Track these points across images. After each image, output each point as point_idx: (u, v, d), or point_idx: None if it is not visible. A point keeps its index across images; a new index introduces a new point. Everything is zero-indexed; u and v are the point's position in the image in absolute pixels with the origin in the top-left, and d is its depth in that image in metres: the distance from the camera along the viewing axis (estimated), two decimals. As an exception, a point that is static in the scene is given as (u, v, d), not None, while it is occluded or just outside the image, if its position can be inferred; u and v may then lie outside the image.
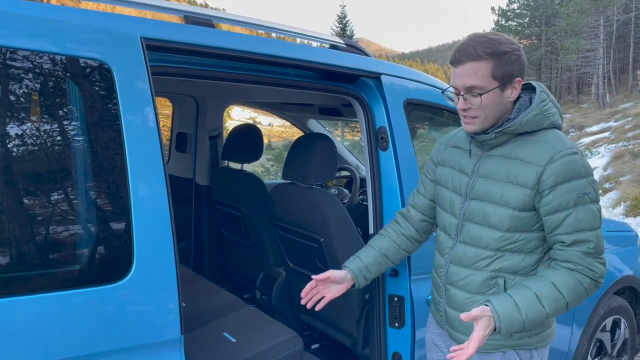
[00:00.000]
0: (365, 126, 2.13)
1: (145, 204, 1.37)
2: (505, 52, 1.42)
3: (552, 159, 1.42)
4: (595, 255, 1.45)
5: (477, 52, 1.41)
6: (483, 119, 1.48)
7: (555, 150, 1.43)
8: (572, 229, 1.43)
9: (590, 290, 1.47)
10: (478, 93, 1.43)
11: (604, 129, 20.64)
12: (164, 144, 1.45)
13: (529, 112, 1.47)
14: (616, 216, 8.56)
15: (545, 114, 1.49)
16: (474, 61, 1.42)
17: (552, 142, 1.46)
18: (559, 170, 1.41)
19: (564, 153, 1.43)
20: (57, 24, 1.30)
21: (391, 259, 1.85)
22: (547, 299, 1.43)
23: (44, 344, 1.22)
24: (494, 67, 1.41)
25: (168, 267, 1.40)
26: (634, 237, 3.27)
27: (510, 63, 1.43)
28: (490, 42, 1.42)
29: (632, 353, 3.20)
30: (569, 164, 1.42)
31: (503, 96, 1.46)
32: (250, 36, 1.79)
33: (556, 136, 1.49)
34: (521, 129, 1.48)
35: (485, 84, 1.43)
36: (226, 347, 2.12)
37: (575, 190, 1.42)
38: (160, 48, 1.52)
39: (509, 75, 1.44)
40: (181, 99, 3.44)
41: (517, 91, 1.48)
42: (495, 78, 1.42)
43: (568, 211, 1.42)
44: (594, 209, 1.45)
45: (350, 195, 3.56)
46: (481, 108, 1.45)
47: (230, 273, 3.48)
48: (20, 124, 1.25)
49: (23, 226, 1.23)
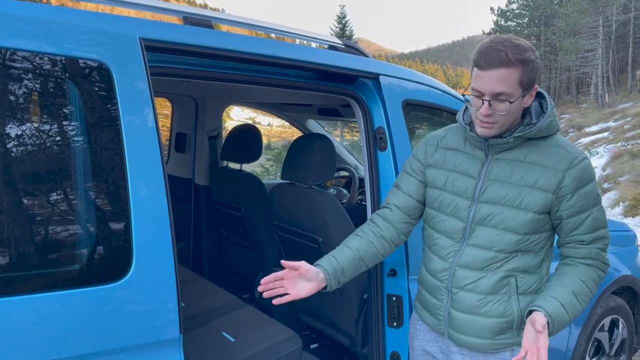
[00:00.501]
0: (363, 126, 2.13)
1: (145, 204, 1.38)
2: (531, 60, 1.42)
3: (572, 165, 1.49)
4: (606, 249, 1.58)
5: (509, 58, 1.38)
6: (501, 125, 1.48)
7: (573, 157, 1.50)
8: (592, 229, 1.53)
9: (601, 280, 1.58)
10: (506, 99, 1.42)
11: (603, 129, 20.66)
12: (163, 144, 1.45)
13: (547, 118, 1.50)
14: (615, 216, 8.57)
15: (556, 120, 1.55)
16: (505, 67, 1.39)
17: (566, 147, 1.53)
18: (579, 176, 1.49)
19: (580, 159, 1.50)
20: (55, 24, 1.31)
21: (366, 263, 1.72)
22: (581, 295, 1.50)
23: (42, 343, 1.23)
24: (522, 74, 1.41)
25: (167, 267, 1.41)
26: (632, 237, 3.27)
27: (535, 70, 1.44)
28: (518, 48, 1.40)
29: (630, 353, 3.20)
30: (585, 169, 1.50)
31: (522, 103, 1.47)
32: (248, 37, 1.80)
33: (565, 141, 1.56)
34: (538, 134, 1.52)
35: (513, 91, 1.42)
36: (225, 346, 2.13)
37: (592, 193, 1.52)
38: (159, 49, 1.53)
39: (532, 83, 1.45)
40: (180, 100, 3.45)
41: (532, 98, 1.50)
42: (521, 85, 1.42)
43: (588, 212, 1.52)
44: (603, 208, 1.58)
45: (349, 195, 3.57)
46: (505, 114, 1.45)
47: (229, 273, 3.48)
48: (20, 125, 1.26)
49: (21, 226, 1.24)
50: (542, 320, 1.39)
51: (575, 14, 36.95)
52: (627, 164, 11.72)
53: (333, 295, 2.49)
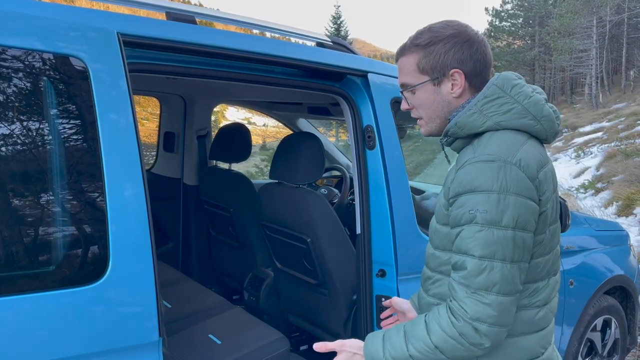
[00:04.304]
0: (352, 125, 2.10)
1: (122, 204, 1.34)
2: (433, 41, 1.26)
3: (462, 166, 1.19)
4: (470, 289, 1.13)
5: (407, 45, 1.30)
6: (427, 120, 1.34)
7: (470, 156, 1.19)
8: (456, 249, 1.18)
9: (471, 338, 1.12)
10: (410, 90, 1.32)
11: (596, 129, 20.71)
12: (142, 142, 1.41)
13: (465, 111, 1.25)
14: (608, 216, 8.58)
15: (485, 113, 1.22)
16: (402, 56, 1.32)
17: (478, 145, 1.22)
18: (461, 179, 1.17)
19: (474, 159, 1.17)
20: (27, 18, 1.26)
21: None
22: (415, 339, 1.18)
23: (13, 348, 1.18)
24: (419, 60, 1.28)
25: (146, 269, 1.36)
26: (625, 236, 3.26)
27: (442, 53, 1.25)
28: (424, 32, 1.28)
29: (622, 353, 3.19)
30: (473, 172, 1.15)
31: (441, 92, 1.29)
32: (231, 32, 1.76)
33: (492, 140, 1.20)
34: (461, 132, 1.26)
35: (413, 79, 1.30)
36: (211, 349, 2.09)
37: (470, 205, 1.14)
38: (138, 44, 1.49)
39: (441, 67, 1.26)
40: (168, 98, 3.40)
41: (460, 85, 1.27)
42: (422, 71, 1.28)
43: (459, 228, 1.17)
44: (485, 234, 1.12)
45: (340, 195, 3.53)
46: (418, 107, 1.34)
47: (218, 274, 3.44)
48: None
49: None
50: (331, 346, 1.29)
51: (570, 14, 37.10)
52: (621, 163, 11.73)
53: (322, 297, 2.46)
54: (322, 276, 2.36)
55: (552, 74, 49.21)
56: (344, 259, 2.33)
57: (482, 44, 1.29)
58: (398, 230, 2.01)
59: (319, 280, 2.38)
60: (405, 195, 2.07)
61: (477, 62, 1.27)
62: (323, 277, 2.36)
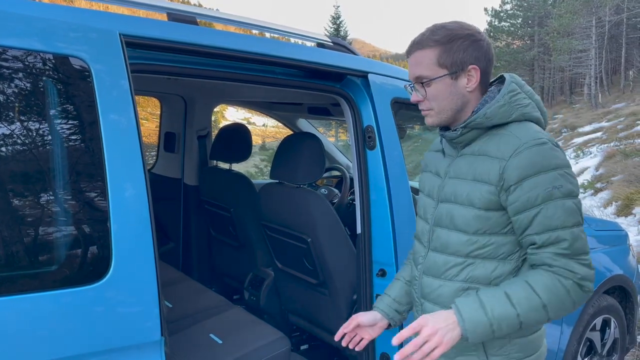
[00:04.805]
0: (352, 125, 2.11)
1: (124, 204, 1.34)
2: (453, 38, 1.34)
3: (516, 152, 1.28)
4: (572, 256, 1.28)
5: (423, 40, 1.36)
6: (438, 111, 1.40)
7: (520, 142, 1.29)
8: (543, 228, 1.27)
9: (575, 294, 1.28)
10: (428, 82, 1.37)
11: (596, 129, 20.73)
12: (143, 142, 1.42)
13: (494, 103, 1.35)
14: (607, 216, 8.58)
15: (513, 105, 1.36)
16: (419, 49, 1.37)
17: (517, 133, 1.31)
18: (523, 164, 1.26)
19: (528, 144, 1.27)
20: (30, 19, 1.27)
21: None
22: (518, 297, 1.27)
23: (15, 347, 1.19)
24: (439, 54, 1.35)
25: (148, 268, 1.37)
26: (624, 236, 3.27)
27: (462, 49, 1.34)
28: (440, 29, 1.36)
29: (622, 352, 3.19)
30: (535, 155, 1.26)
31: (457, 85, 1.37)
32: (232, 33, 1.77)
33: (526, 128, 1.33)
34: (487, 123, 1.35)
35: (431, 73, 1.36)
36: (212, 348, 2.10)
37: (543, 185, 1.25)
38: (141, 45, 1.49)
39: (460, 63, 1.35)
40: (169, 99, 3.41)
41: (476, 80, 1.37)
42: (442, 66, 1.35)
43: (537, 209, 1.26)
44: (568, 205, 1.27)
45: (341, 195, 3.54)
46: (431, 99, 1.39)
47: (219, 274, 3.45)
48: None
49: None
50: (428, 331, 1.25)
51: (569, 14, 37.11)
52: (620, 163, 11.74)
53: (323, 296, 2.47)
54: (322, 276, 2.37)
55: (552, 74, 49.24)
56: (344, 259, 2.34)
57: (490, 45, 1.41)
58: (398, 230, 2.02)
59: (320, 280, 2.39)
60: (405, 195, 2.08)
61: (488, 61, 1.40)
62: (323, 277, 2.37)
